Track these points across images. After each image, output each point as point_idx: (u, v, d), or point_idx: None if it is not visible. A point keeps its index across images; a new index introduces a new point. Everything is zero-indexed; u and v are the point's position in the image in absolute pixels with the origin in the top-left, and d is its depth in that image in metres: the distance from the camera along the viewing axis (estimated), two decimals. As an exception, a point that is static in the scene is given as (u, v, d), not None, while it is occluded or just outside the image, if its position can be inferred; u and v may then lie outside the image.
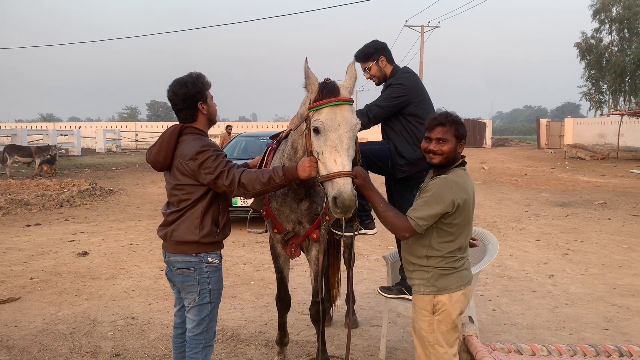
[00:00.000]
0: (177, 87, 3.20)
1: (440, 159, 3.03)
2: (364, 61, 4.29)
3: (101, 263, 7.75)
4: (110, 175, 21.52)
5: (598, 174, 21.30)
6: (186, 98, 3.18)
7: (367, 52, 4.26)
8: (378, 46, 4.28)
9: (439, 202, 2.90)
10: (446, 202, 2.90)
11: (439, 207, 2.91)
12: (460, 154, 3.08)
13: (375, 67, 4.27)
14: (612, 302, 5.93)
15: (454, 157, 3.05)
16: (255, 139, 12.54)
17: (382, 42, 4.33)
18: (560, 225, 10.62)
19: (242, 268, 7.40)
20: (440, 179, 3.00)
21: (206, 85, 3.27)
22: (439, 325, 3.05)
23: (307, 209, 3.75)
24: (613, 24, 45.49)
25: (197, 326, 3.24)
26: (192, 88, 3.18)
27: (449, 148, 3.00)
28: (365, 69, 4.32)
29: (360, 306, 5.80)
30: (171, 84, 3.24)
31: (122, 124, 54.80)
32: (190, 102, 3.20)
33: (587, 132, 41.94)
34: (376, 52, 4.26)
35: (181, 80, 3.22)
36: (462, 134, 3.03)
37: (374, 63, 4.26)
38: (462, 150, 3.08)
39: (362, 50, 4.28)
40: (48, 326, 5.27)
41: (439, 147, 3.01)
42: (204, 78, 3.28)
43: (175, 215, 3.19)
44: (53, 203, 13.46)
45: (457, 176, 3.01)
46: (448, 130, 3.01)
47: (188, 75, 3.24)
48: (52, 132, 33.59)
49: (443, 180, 2.97)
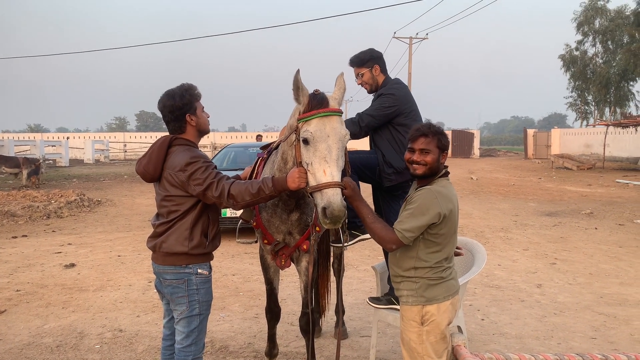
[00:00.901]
0: (165, 99, 3.22)
1: (423, 170, 3.07)
2: (358, 66, 4.34)
3: (89, 275, 7.68)
4: (98, 186, 21.37)
5: (585, 183, 21.52)
6: (173, 110, 3.19)
7: (362, 58, 4.32)
8: (374, 54, 4.34)
9: (425, 214, 2.94)
10: (432, 213, 2.93)
11: (425, 219, 2.94)
12: (442, 165, 3.12)
13: (369, 75, 4.32)
14: (599, 311, 5.98)
15: (437, 168, 3.09)
16: (245, 150, 12.53)
17: (378, 52, 4.39)
18: (548, 234, 10.71)
19: (232, 279, 7.37)
20: (425, 190, 3.04)
21: (195, 96, 3.27)
22: (427, 336, 3.06)
23: (297, 220, 3.76)
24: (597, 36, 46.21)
25: (186, 338, 3.22)
26: (179, 100, 3.19)
27: (432, 159, 3.05)
28: (358, 75, 4.36)
29: (350, 317, 5.80)
30: (162, 95, 3.26)
31: (110, 135, 54.53)
32: (178, 114, 3.20)
33: (574, 143, 42.42)
34: (371, 59, 4.31)
35: (170, 92, 3.23)
36: (444, 145, 3.08)
37: (368, 70, 4.31)
38: (445, 161, 3.12)
39: (358, 56, 4.34)
40: (34, 339, 5.21)
41: (422, 157, 3.06)
42: (193, 90, 3.28)
43: (165, 226, 3.19)
44: (40, 214, 13.33)
45: (442, 186, 3.05)
46: (431, 141, 3.06)
47: (178, 87, 3.26)
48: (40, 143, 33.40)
49: (428, 192, 3.00)
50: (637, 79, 43.18)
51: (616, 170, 28.75)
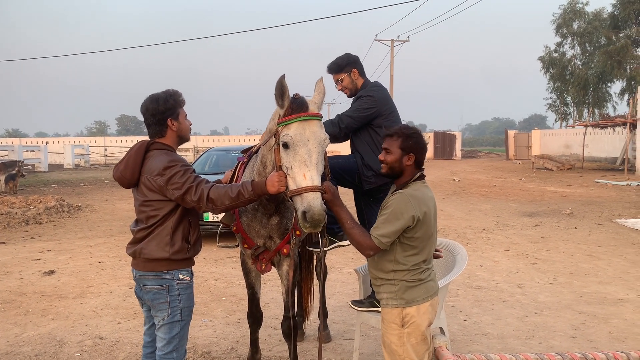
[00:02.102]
0: (149, 102, 3.21)
1: (385, 169, 3.16)
2: (336, 73, 4.36)
3: (68, 282, 7.57)
4: (78, 192, 21.08)
5: (564, 184, 21.83)
6: (156, 113, 3.18)
7: (339, 64, 4.33)
8: (350, 59, 4.36)
9: (399, 218, 2.96)
10: (406, 217, 2.96)
11: (400, 223, 2.96)
12: (407, 166, 3.12)
13: (348, 79, 4.34)
14: (579, 310, 6.06)
15: (399, 169, 3.12)
16: (227, 153, 12.48)
17: (354, 56, 4.41)
18: (529, 235, 10.83)
19: (214, 284, 7.32)
20: (398, 194, 3.06)
21: (179, 102, 3.27)
22: (408, 338, 3.08)
23: (277, 224, 3.75)
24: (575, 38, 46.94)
25: (168, 344, 3.19)
26: (162, 104, 3.17)
27: (392, 159, 3.10)
28: (337, 81, 4.38)
29: (333, 320, 5.79)
30: (145, 98, 3.24)
31: (90, 139, 53.85)
32: (160, 118, 3.19)
33: (554, 143, 43.01)
34: (348, 64, 4.33)
35: (154, 96, 3.22)
36: (408, 147, 3.09)
37: (346, 75, 4.33)
38: (411, 163, 3.11)
39: (335, 62, 4.36)
40: (12, 348, 5.11)
41: (384, 156, 3.14)
42: (178, 96, 3.28)
43: (145, 232, 3.15)
44: (18, 221, 13.09)
45: (415, 190, 3.08)
46: (394, 142, 3.11)
47: (163, 92, 3.25)
48: (18, 148, 32.81)
49: (401, 196, 3.03)
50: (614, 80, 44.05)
51: (595, 170, 29.22)
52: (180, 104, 3.28)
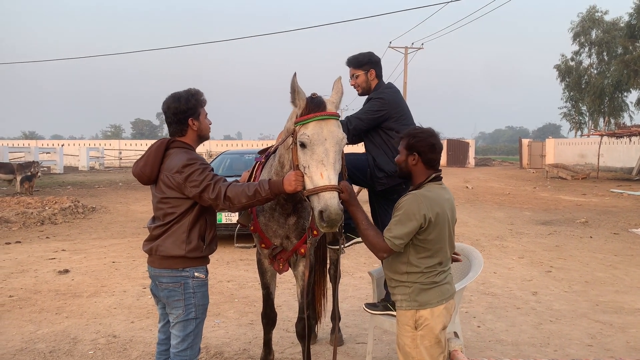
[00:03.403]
0: (171, 100, 3.24)
1: (398, 170, 3.23)
2: (354, 67, 4.33)
3: (83, 281, 7.62)
4: (92, 193, 21.27)
5: (579, 193, 21.59)
6: (177, 112, 3.21)
7: (360, 60, 4.32)
8: (372, 59, 4.34)
9: (411, 219, 2.94)
10: (418, 217, 2.93)
11: (412, 224, 2.94)
12: (413, 166, 3.12)
13: (363, 77, 4.32)
14: (595, 318, 5.98)
15: (406, 169, 3.15)
16: (241, 157, 12.52)
17: (377, 57, 4.40)
18: (543, 243, 10.72)
19: (227, 285, 7.33)
20: (410, 195, 3.05)
21: (201, 102, 3.30)
22: (422, 340, 3.05)
23: (294, 224, 3.75)
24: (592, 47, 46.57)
25: (182, 342, 3.20)
26: (184, 103, 3.20)
27: (399, 159, 3.17)
28: (353, 75, 4.35)
29: (346, 324, 5.77)
30: (167, 97, 3.27)
31: (105, 142, 54.33)
32: (181, 117, 3.22)
33: (568, 152, 42.63)
34: (369, 63, 4.31)
35: (176, 95, 3.25)
36: (411, 146, 3.09)
37: (363, 73, 4.31)
38: (416, 163, 3.10)
39: (356, 57, 4.34)
40: (27, 345, 5.15)
41: (397, 157, 3.20)
42: (200, 95, 3.31)
43: (161, 229, 3.17)
44: (34, 221, 13.24)
45: (429, 191, 3.06)
46: (402, 142, 3.15)
47: (185, 91, 3.29)
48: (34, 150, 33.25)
49: (413, 197, 3.02)
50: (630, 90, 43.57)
51: (610, 180, 28.87)
52: (202, 104, 3.31)
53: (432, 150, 3.11)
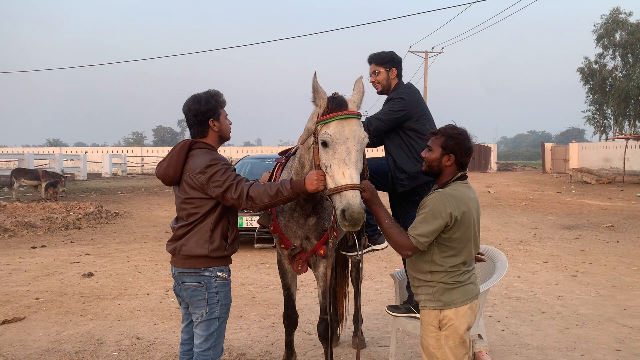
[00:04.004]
0: (191, 102, 3.27)
1: (425, 167, 3.13)
2: (377, 64, 4.31)
3: (106, 284, 7.72)
4: (116, 199, 21.57)
5: (604, 197, 21.19)
6: (198, 114, 3.23)
7: (383, 57, 4.30)
8: (395, 58, 4.33)
9: (437, 217, 2.90)
10: (444, 216, 2.89)
11: (437, 223, 2.90)
12: (446, 166, 3.07)
13: (384, 75, 4.29)
14: (623, 323, 5.84)
15: (437, 167, 3.08)
16: (261, 161, 12.57)
17: (399, 57, 4.38)
18: (568, 247, 10.54)
19: (248, 289, 7.35)
20: (436, 193, 3.01)
21: (221, 103, 3.32)
22: (446, 341, 3.01)
23: (314, 225, 3.74)
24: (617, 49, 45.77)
25: (205, 341, 3.21)
26: (204, 105, 3.23)
27: (432, 157, 3.07)
28: (374, 72, 4.32)
29: (368, 327, 5.73)
30: (188, 99, 3.30)
31: (128, 149, 55.07)
32: (202, 118, 3.24)
33: (592, 157, 41.88)
34: (391, 61, 4.29)
35: (196, 97, 3.28)
36: (450, 147, 3.02)
37: (385, 70, 4.28)
38: (451, 164, 3.05)
39: (379, 54, 4.32)
40: (53, 345, 5.23)
41: (426, 154, 3.11)
42: (220, 97, 3.33)
43: (185, 229, 3.19)
44: (59, 225, 13.48)
45: (454, 189, 3.01)
46: (437, 140, 3.07)
47: (205, 92, 3.31)
48: (59, 157, 33.81)
49: (439, 195, 2.97)
50: (656, 92, 42.67)
51: (636, 184, 28.26)
52: (222, 105, 3.33)
53: (468, 153, 3.07)
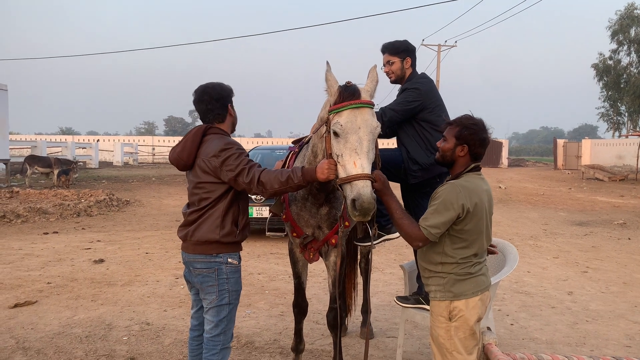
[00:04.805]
0: (209, 89, 3.31)
1: (438, 156, 3.12)
2: (391, 53, 4.25)
3: (117, 270, 7.79)
4: (127, 187, 21.71)
5: (617, 194, 21.00)
6: (220, 98, 3.29)
7: (397, 47, 4.24)
8: (410, 47, 4.27)
9: (449, 209, 2.88)
10: (456, 207, 2.87)
11: (449, 214, 2.88)
12: (459, 157, 3.05)
13: (399, 64, 4.24)
14: (633, 319, 5.80)
15: (450, 158, 3.07)
16: (272, 152, 12.58)
17: (413, 45, 4.32)
18: (579, 243, 10.46)
19: (257, 278, 7.38)
20: (448, 184, 2.99)
21: (232, 92, 3.40)
22: (456, 332, 3.00)
23: (326, 214, 3.74)
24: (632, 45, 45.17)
25: (215, 327, 3.23)
26: (221, 90, 3.31)
27: (446, 147, 3.05)
28: (388, 62, 4.27)
29: (376, 318, 5.74)
30: (201, 86, 3.34)
31: (139, 139, 55.25)
32: (223, 103, 3.30)
33: (605, 154, 41.42)
34: (405, 51, 4.24)
35: (210, 84, 3.35)
36: (463, 137, 3.00)
37: (399, 60, 4.23)
38: (464, 155, 3.03)
39: (393, 44, 4.26)
40: (64, 329, 5.29)
41: (440, 143, 3.10)
42: (227, 86, 3.41)
43: (196, 214, 3.21)
44: (70, 212, 13.59)
45: (467, 181, 2.99)
46: (451, 130, 3.05)
47: (215, 82, 3.37)
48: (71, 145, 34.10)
49: (451, 186, 2.95)
50: (672, 89, 42.13)
51: (650, 182, 27.99)
52: (232, 94, 3.42)
53: (482, 144, 3.03)
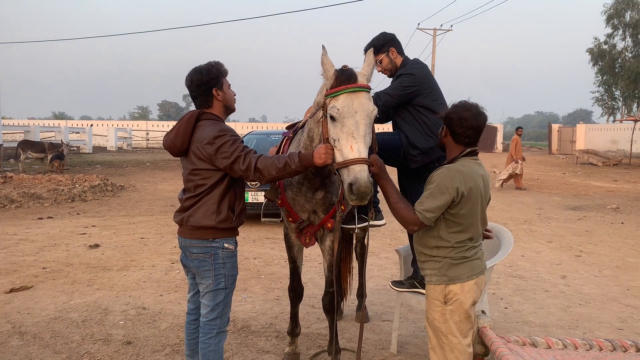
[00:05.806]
0: (193, 73, 3.25)
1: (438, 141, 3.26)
2: (375, 54, 4.16)
3: (112, 255, 7.79)
4: (121, 172, 21.63)
5: (610, 179, 21.11)
6: (200, 84, 3.21)
7: (376, 45, 4.20)
8: (387, 38, 4.24)
9: (444, 192, 2.90)
10: (450, 191, 2.89)
11: (444, 198, 2.90)
12: (444, 139, 3.12)
13: (387, 59, 4.23)
14: (626, 303, 5.87)
15: (440, 142, 3.17)
16: (267, 137, 12.55)
17: (390, 34, 4.28)
18: (573, 228, 10.54)
19: (253, 262, 7.40)
20: (444, 168, 3.01)
21: (222, 72, 3.30)
22: (451, 315, 3.03)
23: (322, 199, 3.74)
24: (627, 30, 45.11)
25: (212, 311, 3.24)
26: (206, 75, 3.21)
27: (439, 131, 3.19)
28: (376, 62, 4.22)
29: (371, 302, 5.78)
30: (189, 72, 3.28)
31: (133, 123, 54.86)
32: (205, 89, 3.22)
33: (599, 138, 41.58)
34: (386, 44, 4.22)
35: (197, 68, 3.27)
36: (446, 118, 3.06)
37: (385, 55, 4.22)
38: (446, 136, 3.09)
39: (372, 44, 4.21)
40: (60, 314, 5.30)
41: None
42: (221, 66, 3.31)
43: (192, 200, 3.20)
44: (65, 197, 13.55)
45: (462, 165, 3.01)
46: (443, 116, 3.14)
47: (206, 63, 3.29)
48: (64, 130, 33.79)
49: (446, 170, 2.97)
50: (667, 74, 42.18)
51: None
52: (223, 74, 3.30)
53: (460, 124, 2.99)
